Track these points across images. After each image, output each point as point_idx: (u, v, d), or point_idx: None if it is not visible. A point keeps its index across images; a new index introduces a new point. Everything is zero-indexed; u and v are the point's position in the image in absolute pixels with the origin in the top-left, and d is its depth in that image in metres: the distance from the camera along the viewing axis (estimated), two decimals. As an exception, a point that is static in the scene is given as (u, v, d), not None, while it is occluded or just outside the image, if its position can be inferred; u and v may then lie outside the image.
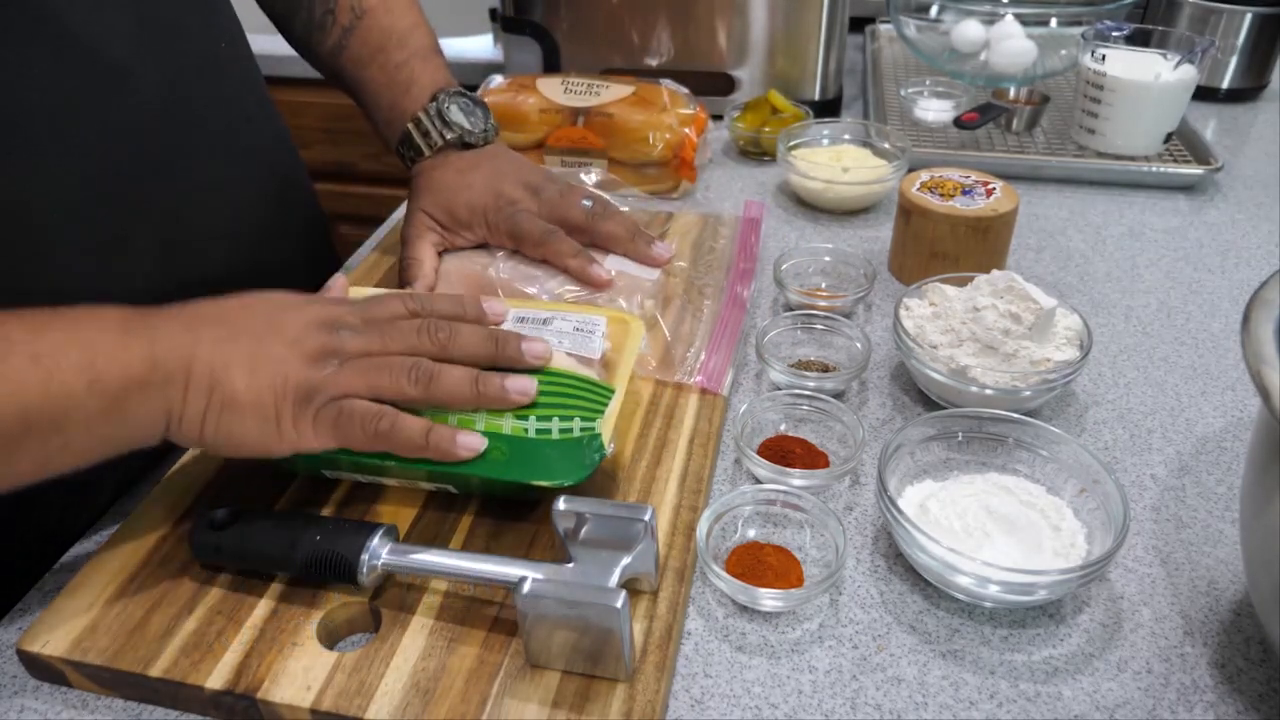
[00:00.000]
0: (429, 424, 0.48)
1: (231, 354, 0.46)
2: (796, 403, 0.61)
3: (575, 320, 0.57)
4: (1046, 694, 0.45)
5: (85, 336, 0.43)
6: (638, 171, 0.91)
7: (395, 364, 0.49)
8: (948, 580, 0.49)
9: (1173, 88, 0.92)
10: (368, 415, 0.48)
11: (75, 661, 0.45)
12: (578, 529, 0.46)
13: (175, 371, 0.44)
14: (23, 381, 0.40)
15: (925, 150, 0.98)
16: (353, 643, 0.49)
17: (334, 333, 0.49)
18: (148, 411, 0.44)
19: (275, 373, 0.46)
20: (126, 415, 0.44)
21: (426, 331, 0.50)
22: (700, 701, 0.45)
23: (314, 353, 0.47)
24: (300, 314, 0.49)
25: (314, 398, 0.47)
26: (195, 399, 0.45)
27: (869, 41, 1.32)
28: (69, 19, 0.52)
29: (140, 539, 0.52)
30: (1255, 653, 0.47)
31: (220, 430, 0.46)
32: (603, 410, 0.52)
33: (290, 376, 0.46)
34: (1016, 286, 0.61)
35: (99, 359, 0.42)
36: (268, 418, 0.46)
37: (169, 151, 0.59)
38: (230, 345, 0.46)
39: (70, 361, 0.41)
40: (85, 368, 0.42)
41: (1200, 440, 0.61)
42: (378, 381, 0.48)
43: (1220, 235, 0.86)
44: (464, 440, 0.48)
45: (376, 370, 0.48)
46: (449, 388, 0.49)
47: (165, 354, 0.44)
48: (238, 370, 0.45)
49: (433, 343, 0.50)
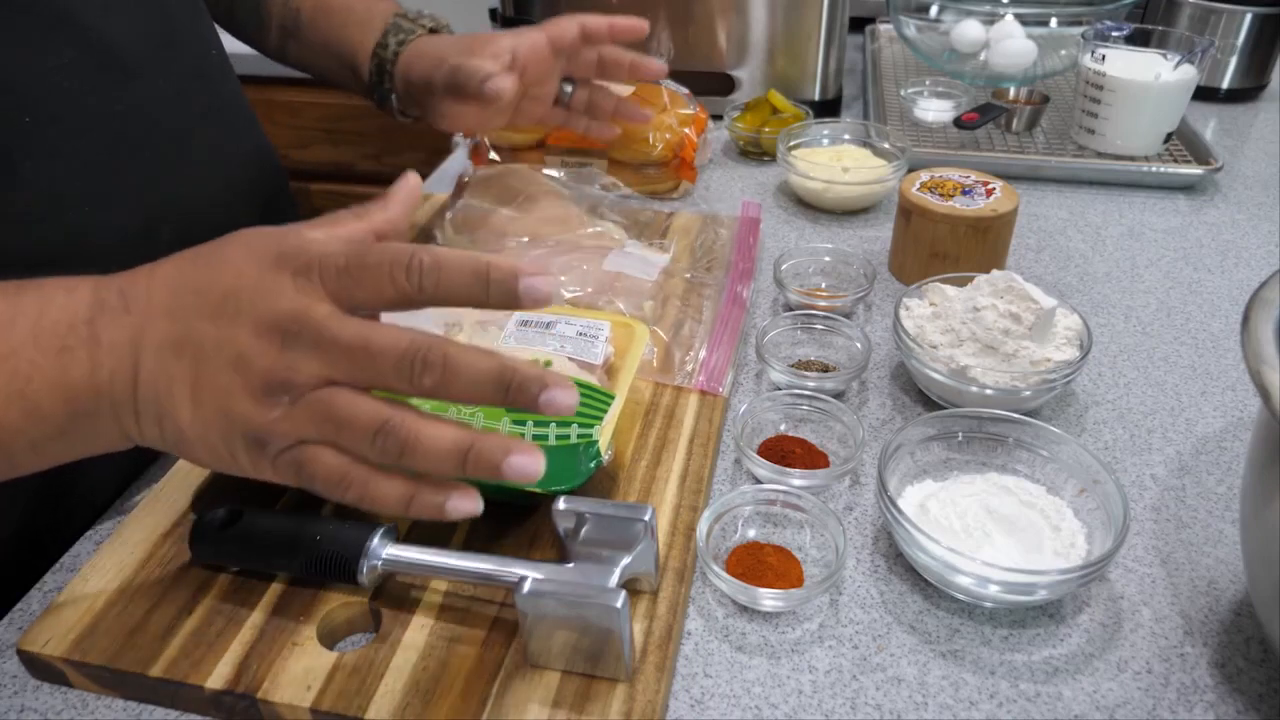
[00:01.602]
0: (410, 491, 0.39)
1: (175, 376, 0.39)
2: (796, 403, 0.61)
3: (579, 325, 0.57)
4: (1046, 694, 0.45)
5: (19, 358, 0.38)
6: (638, 172, 0.91)
7: (358, 421, 0.38)
8: (948, 580, 0.49)
9: (1173, 88, 0.92)
10: (330, 479, 0.39)
11: (75, 661, 0.45)
12: (578, 529, 0.46)
13: (121, 400, 0.40)
14: None
15: (925, 150, 0.98)
16: (353, 643, 0.49)
17: (286, 348, 0.38)
18: (103, 432, 0.41)
19: (219, 408, 0.39)
20: (78, 437, 0.40)
21: (410, 366, 0.37)
22: (700, 701, 0.45)
23: (259, 383, 0.38)
24: (255, 305, 0.38)
25: (266, 446, 0.39)
26: (148, 427, 0.40)
27: (869, 41, 1.32)
28: (84, 18, 0.53)
29: (140, 539, 0.52)
30: (1255, 653, 0.47)
31: (180, 455, 0.42)
32: (601, 417, 0.52)
33: (235, 418, 0.39)
34: (1016, 286, 0.61)
35: (33, 385, 0.38)
36: (220, 457, 0.40)
37: (179, 153, 0.60)
38: (173, 362, 0.39)
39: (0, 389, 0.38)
40: (16, 396, 0.38)
41: (1200, 440, 0.61)
42: (336, 437, 0.39)
43: (1220, 235, 0.86)
44: (454, 506, 0.39)
45: (334, 425, 0.38)
46: (424, 463, 0.38)
47: (107, 380, 0.39)
48: (181, 402, 0.39)
49: (414, 386, 0.38)
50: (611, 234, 0.76)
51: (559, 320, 0.58)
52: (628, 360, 0.56)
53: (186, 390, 0.39)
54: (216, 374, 0.39)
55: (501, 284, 0.38)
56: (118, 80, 0.55)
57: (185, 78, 0.61)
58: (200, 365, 0.39)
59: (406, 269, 0.38)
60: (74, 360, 0.39)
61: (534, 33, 0.67)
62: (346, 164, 1.57)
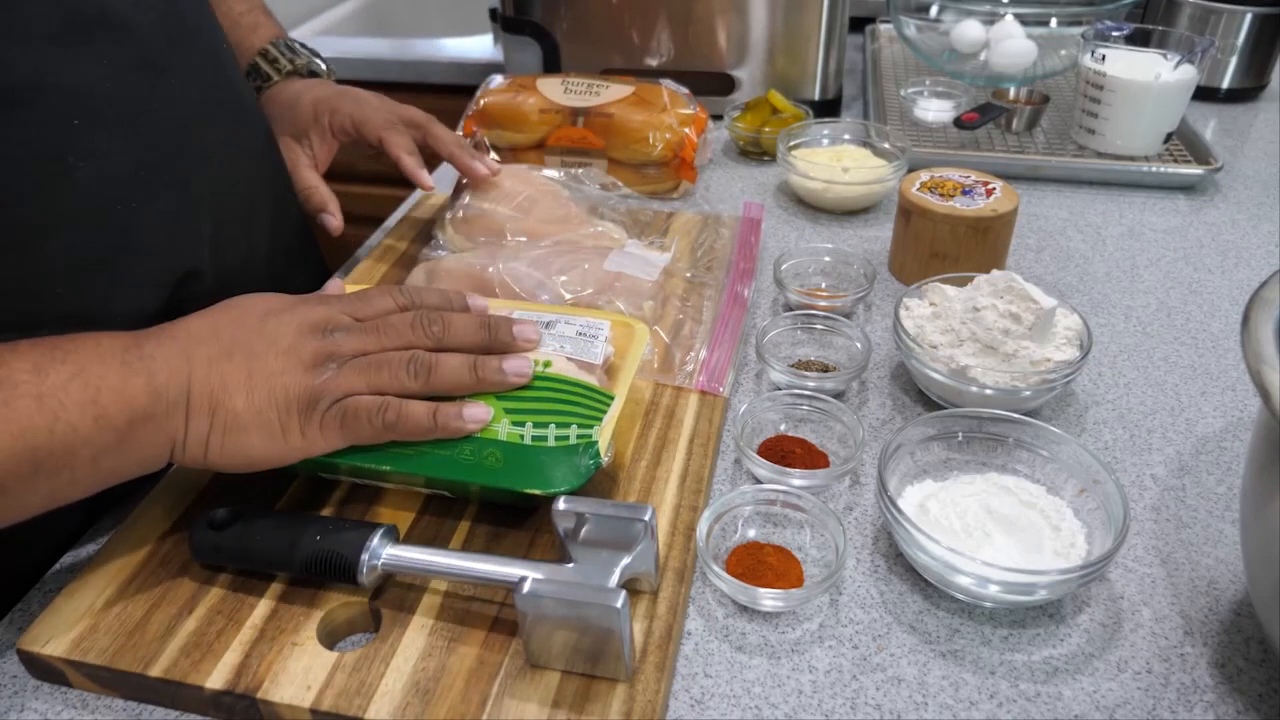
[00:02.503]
0: (433, 405, 0.49)
1: (227, 373, 0.46)
2: (796, 403, 0.61)
3: (579, 324, 0.57)
4: (1046, 694, 0.45)
5: (88, 373, 0.43)
6: (638, 172, 0.91)
7: (393, 359, 0.49)
8: (948, 580, 0.49)
9: (1173, 88, 0.92)
10: (372, 409, 0.48)
11: (75, 661, 0.45)
12: (578, 529, 0.46)
13: (176, 400, 0.45)
14: (30, 424, 0.40)
15: (925, 150, 0.98)
16: (353, 643, 0.49)
17: (327, 336, 0.49)
18: (153, 441, 0.45)
19: (274, 386, 0.47)
20: (132, 447, 0.44)
21: (420, 324, 0.51)
22: (700, 701, 0.45)
23: (310, 360, 0.48)
24: (291, 318, 0.49)
25: (317, 404, 0.47)
26: (198, 424, 0.46)
27: (869, 41, 1.32)
28: (120, 16, 0.54)
29: (140, 539, 0.52)
30: (1255, 653, 0.47)
31: (226, 450, 0.46)
32: (601, 417, 0.52)
33: (290, 387, 0.47)
34: (1016, 286, 0.61)
35: (102, 395, 0.43)
36: (272, 431, 0.47)
37: (206, 148, 0.61)
38: (225, 364, 0.46)
39: (74, 400, 0.42)
40: (89, 404, 0.42)
41: (1200, 440, 0.61)
42: (377, 379, 0.49)
43: (1220, 235, 0.86)
44: (470, 414, 0.49)
45: (375, 368, 0.49)
46: (448, 376, 0.50)
47: (165, 383, 0.45)
48: (236, 389, 0.46)
49: (427, 335, 0.51)
50: (611, 234, 0.76)
51: (559, 320, 0.57)
52: (628, 360, 0.56)
53: (240, 381, 0.46)
54: (268, 362, 0.47)
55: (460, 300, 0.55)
56: (150, 79, 0.56)
57: (204, 71, 0.62)
58: (252, 361, 0.47)
59: (394, 292, 0.53)
60: (133, 371, 0.44)
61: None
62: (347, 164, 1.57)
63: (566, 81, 0.94)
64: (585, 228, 0.76)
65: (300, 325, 0.49)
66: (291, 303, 0.50)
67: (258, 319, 0.49)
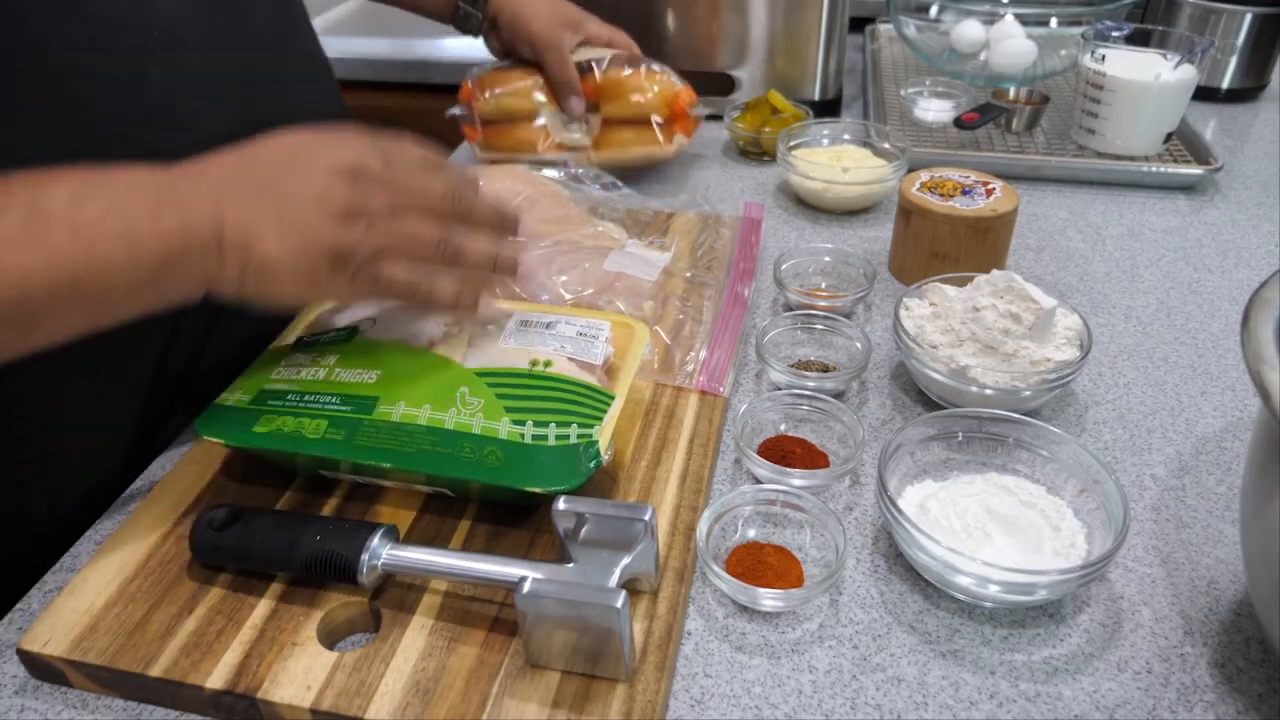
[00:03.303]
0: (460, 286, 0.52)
1: (259, 217, 0.46)
2: (796, 403, 0.61)
3: (579, 325, 0.57)
4: (1046, 694, 0.45)
5: (123, 209, 0.44)
6: (635, 130, 0.90)
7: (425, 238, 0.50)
8: (948, 580, 0.49)
9: (1173, 88, 0.92)
10: (404, 278, 0.50)
11: (75, 661, 0.45)
12: (578, 529, 0.46)
13: (209, 241, 0.45)
14: (68, 254, 0.42)
15: (925, 150, 0.98)
16: (353, 643, 0.49)
17: (358, 185, 0.48)
18: (187, 277, 0.46)
19: (306, 235, 0.47)
20: (167, 283, 0.46)
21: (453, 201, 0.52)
22: (700, 701, 0.45)
23: (341, 211, 0.47)
24: (322, 158, 0.48)
25: (349, 261, 0.48)
26: (231, 264, 0.46)
27: (869, 41, 1.32)
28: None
29: (140, 539, 0.52)
30: (1255, 653, 0.47)
31: (260, 291, 0.48)
32: (601, 417, 0.52)
33: (322, 240, 0.47)
34: (1016, 286, 0.61)
35: (137, 232, 0.44)
36: (303, 278, 0.48)
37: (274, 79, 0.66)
38: (257, 207, 0.46)
39: (109, 233, 0.43)
40: (123, 238, 0.43)
41: (1200, 440, 0.61)
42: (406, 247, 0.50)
43: (1220, 235, 0.86)
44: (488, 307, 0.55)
45: (405, 238, 0.50)
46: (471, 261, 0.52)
47: (197, 223, 0.45)
48: (268, 234, 0.46)
49: (455, 208, 0.52)
50: (611, 234, 0.76)
51: (559, 320, 0.58)
52: (628, 360, 0.56)
53: (272, 226, 0.46)
54: (299, 210, 0.47)
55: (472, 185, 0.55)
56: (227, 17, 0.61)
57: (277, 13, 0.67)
58: (283, 205, 0.46)
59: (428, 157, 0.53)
60: (166, 214, 0.45)
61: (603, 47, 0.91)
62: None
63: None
64: (585, 228, 0.76)
65: (330, 168, 0.48)
66: (321, 141, 0.49)
67: (288, 158, 0.48)
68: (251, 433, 0.52)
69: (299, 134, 0.50)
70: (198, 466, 0.57)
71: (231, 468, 0.57)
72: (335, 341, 0.58)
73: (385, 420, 0.51)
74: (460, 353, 0.55)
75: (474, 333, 0.57)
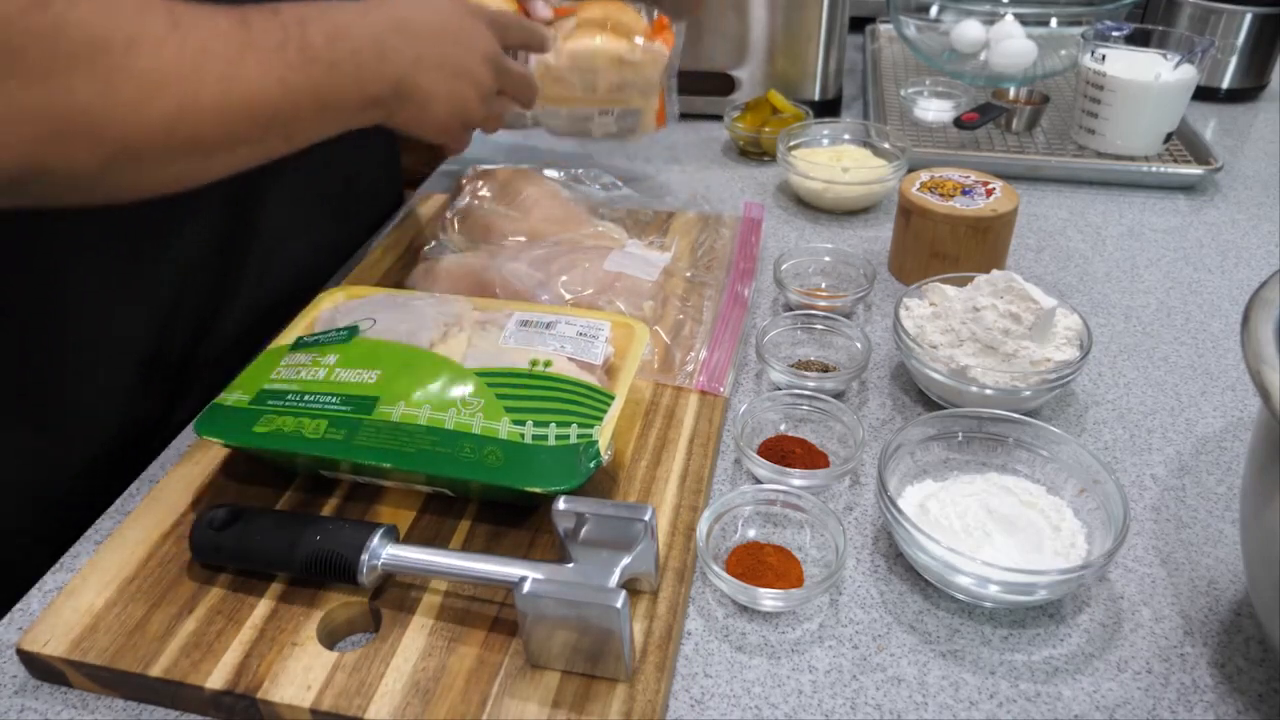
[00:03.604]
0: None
1: (437, 85, 0.59)
2: (796, 403, 0.61)
3: (579, 325, 0.57)
4: (1046, 694, 0.45)
5: (359, 53, 0.53)
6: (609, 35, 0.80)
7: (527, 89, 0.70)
8: (948, 580, 0.49)
9: (1173, 88, 0.92)
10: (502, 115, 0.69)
11: (75, 661, 0.45)
12: (578, 529, 0.46)
13: (404, 96, 0.57)
14: (323, 82, 0.51)
15: (925, 150, 0.98)
16: (353, 643, 0.49)
17: (495, 74, 0.64)
18: (380, 108, 0.56)
19: (461, 107, 0.61)
20: (369, 110, 0.56)
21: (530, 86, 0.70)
22: (700, 701, 0.45)
23: (483, 94, 0.63)
24: (481, 43, 0.63)
25: (476, 115, 0.64)
26: (404, 114, 0.58)
27: (869, 41, 1.32)
28: None
29: (140, 539, 0.52)
30: (1255, 653, 0.47)
31: (418, 129, 0.61)
32: (601, 417, 0.52)
33: (472, 114, 0.63)
34: (1016, 286, 0.61)
35: (364, 71, 0.53)
36: (448, 128, 0.62)
37: None
38: (437, 74, 0.59)
39: (349, 71, 0.52)
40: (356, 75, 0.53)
41: (1200, 440, 0.61)
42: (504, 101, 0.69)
43: (1220, 235, 0.86)
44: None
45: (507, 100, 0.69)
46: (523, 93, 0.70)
47: (398, 78, 0.56)
48: (439, 102, 0.59)
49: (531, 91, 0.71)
50: (611, 234, 0.76)
51: (559, 320, 0.58)
52: (628, 360, 0.56)
53: (445, 96, 0.60)
54: (460, 87, 0.61)
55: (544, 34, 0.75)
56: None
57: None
58: (454, 80, 0.60)
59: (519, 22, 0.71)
60: (385, 66, 0.55)
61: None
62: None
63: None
64: (585, 228, 0.76)
65: (484, 53, 0.63)
66: (475, 24, 0.63)
67: (456, 30, 0.61)
68: (251, 433, 0.52)
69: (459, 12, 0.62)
70: (198, 466, 0.57)
71: (231, 468, 0.57)
72: (335, 341, 0.57)
73: (385, 420, 0.51)
74: (460, 353, 0.55)
75: (473, 332, 0.57)
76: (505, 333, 0.57)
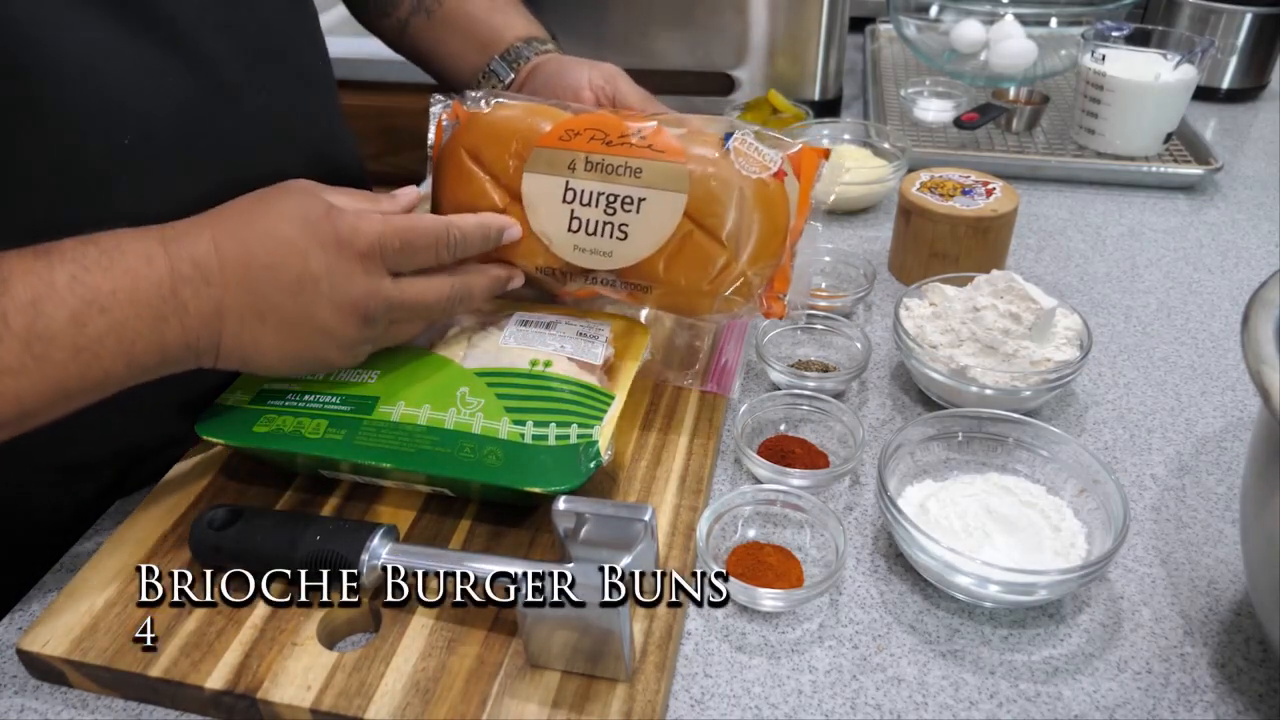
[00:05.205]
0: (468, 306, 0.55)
1: (261, 333, 0.48)
2: (796, 403, 0.61)
3: (579, 325, 0.57)
4: (1046, 694, 0.45)
5: (125, 327, 0.45)
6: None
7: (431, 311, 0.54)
8: (948, 580, 0.49)
9: (1173, 88, 0.92)
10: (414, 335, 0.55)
11: (75, 661, 0.45)
12: (578, 529, 0.46)
13: (206, 350, 0.48)
14: (64, 372, 0.43)
15: (925, 150, 0.98)
16: (353, 643, 0.49)
17: (368, 324, 0.50)
18: (181, 371, 0.48)
19: (310, 356, 0.51)
20: (157, 375, 0.48)
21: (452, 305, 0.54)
22: (700, 701, 0.45)
23: (348, 344, 0.51)
24: (331, 294, 0.48)
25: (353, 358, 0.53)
26: (228, 364, 0.49)
27: (869, 41, 1.32)
28: (195, 40, 0.53)
29: (140, 539, 0.52)
30: (1255, 653, 0.47)
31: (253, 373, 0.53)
32: (601, 417, 0.52)
33: (325, 359, 0.51)
34: (1016, 286, 0.61)
35: (137, 347, 0.45)
36: (303, 372, 0.54)
37: (270, 170, 0.56)
38: (258, 325, 0.48)
39: (109, 351, 0.44)
40: (123, 355, 0.45)
41: (1200, 440, 0.61)
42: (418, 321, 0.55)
43: (1220, 235, 0.86)
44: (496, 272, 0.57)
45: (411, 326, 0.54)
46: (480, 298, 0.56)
47: (196, 338, 0.47)
48: (269, 350, 0.49)
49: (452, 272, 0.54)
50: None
51: (559, 320, 0.57)
52: (628, 360, 0.56)
53: (273, 342, 0.49)
54: (304, 337, 0.49)
55: (498, 235, 0.56)
56: (220, 104, 0.55)
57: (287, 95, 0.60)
58: (286, 330, 0.49)
59: (446, 245, 0.52)
60: (169, 328, 0.46)
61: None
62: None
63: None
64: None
65: (339, 303, 0.48)
66: (334, 252, 0.48)
67: (295, 277, 0.48)
68: (251, 432, 0.52)
69: (309, 221, 0.48)
70: (198, 466, 0.57)
71: (231, 468, 0.57)
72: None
73: (385, 420, 0.52)
74: (460, 353, 0.55)
75: (473, 333, 0.57)
76: (505, 333, 0.57)
